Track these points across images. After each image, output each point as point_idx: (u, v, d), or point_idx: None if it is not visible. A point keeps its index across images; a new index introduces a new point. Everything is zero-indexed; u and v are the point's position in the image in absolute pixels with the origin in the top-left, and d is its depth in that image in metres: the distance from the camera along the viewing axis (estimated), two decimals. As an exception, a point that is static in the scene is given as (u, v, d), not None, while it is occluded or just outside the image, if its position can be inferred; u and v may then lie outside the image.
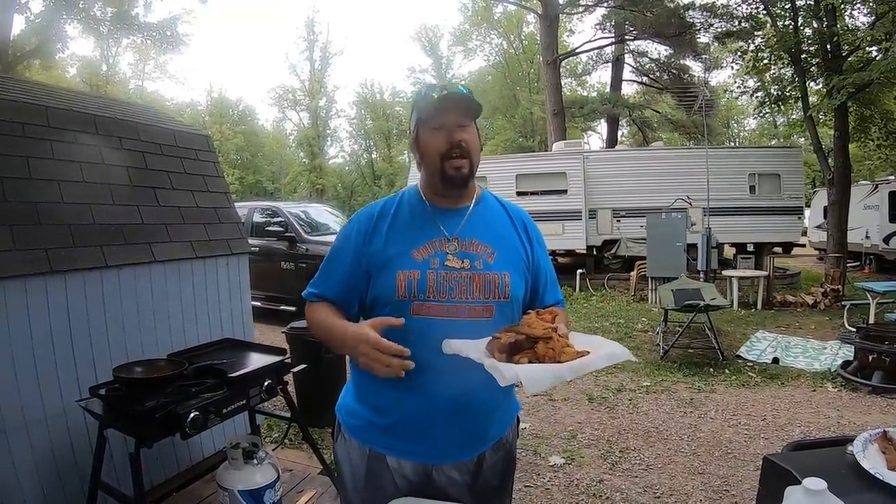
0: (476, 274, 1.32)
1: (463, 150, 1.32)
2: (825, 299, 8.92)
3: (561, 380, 1.06)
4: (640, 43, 19.79)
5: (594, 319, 8.43)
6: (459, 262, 1.32)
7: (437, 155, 1.32)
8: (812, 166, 19.06)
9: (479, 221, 1.40)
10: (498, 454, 1.43)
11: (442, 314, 1.29)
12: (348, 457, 1.40)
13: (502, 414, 1.44)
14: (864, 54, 9.61)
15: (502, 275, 1.34)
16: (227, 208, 3.46)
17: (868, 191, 13.85)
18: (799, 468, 1.12)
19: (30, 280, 2.26)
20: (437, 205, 1.39)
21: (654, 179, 11.61)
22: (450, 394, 1.28)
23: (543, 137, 23.88)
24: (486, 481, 1.40)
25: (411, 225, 1.37)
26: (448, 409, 1.30)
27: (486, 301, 1.32)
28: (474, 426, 1.36)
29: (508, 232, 1.44)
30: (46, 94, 2.95)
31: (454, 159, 1.32)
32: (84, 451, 2.38)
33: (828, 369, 5.45)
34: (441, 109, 1.31)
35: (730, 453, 3.71)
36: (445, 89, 1.33)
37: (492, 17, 31.89)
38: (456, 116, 1.32)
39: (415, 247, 1.33)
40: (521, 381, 1.01)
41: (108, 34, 17.08)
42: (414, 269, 1.30)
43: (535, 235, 1.48)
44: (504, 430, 1.45)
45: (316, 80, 37.61)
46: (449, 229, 1.36)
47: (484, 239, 1.37)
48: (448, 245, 1.34)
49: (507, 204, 1.52)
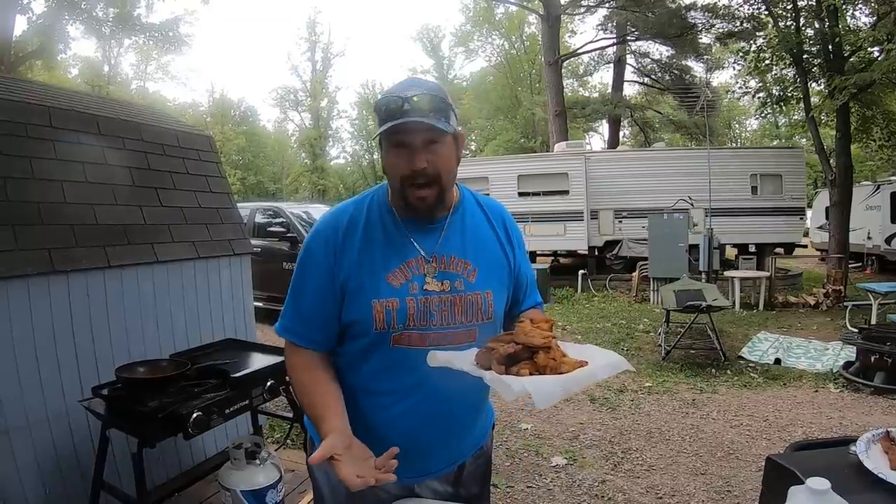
0: (457, 297, 1.22)
1: (428, 177, 1.14)
2: (827, 300, 8.91)
3: (569, 392, 1.01)
4: (642, 44, 19.77)
5: (596, 320, 8.42)
6: (439, 285, 1.21)
7: (398, 177, 1.16)
8: (814, 167, 19.00)
9: (457, 234, 1.27)
10: (477, 462, 1.41)
11: (423, 343, 1.20)
12: (327, 476, 1.30)
13: (481, 425, 1.41)
14: (866, 55, 9.61)
15: (485, 294, 1.25)
16: (229, 209, 3.46)
17: (870, 191, 13.83)
18: (802, 468, 1.12)
19: (32, 280, 2.26)
20: (410, 218, 1.24)
21: (656, 180, 11.62)
22: (432, 419, 1.24)
23: (545, 138, 23.88)
24: (467, 489, 1.39)
25: (384, 242, 1.23)
26: (431, 433, 1.26)
27: (469, 325, 1.23)
28: (456, 442, 1.34)
29: (489, 240, 1.32)
30: (49, 94, 2.95)
31: (418, 188, 1.15)
32: (86, 451, 2.38)
33: (830, 370, 5.45)
34: (402, 131, 1.12)
35: (732, 454, 3.70)
36: (408, 103, 1.10)
37: (493, 18, 31.93)
38: (421, 135, 1.12)
39: (389, 270, 1.20)
40: (530, 395, 0.94)
41: (110, 35, 17.09)
42: (391, 296, 1.18)
43: (515, 237, 1.37)
44: (483, 438, 1.43)
45: (318, 81, 37.67)
46: (426, 248, 1.23)
47: (464, 255, 1.25)
48: (426, 266, 1.22)
49: (486, 203, 1.38)
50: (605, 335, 7.35)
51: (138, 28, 16.07)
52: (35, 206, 2.37)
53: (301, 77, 38.32)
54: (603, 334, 7.42)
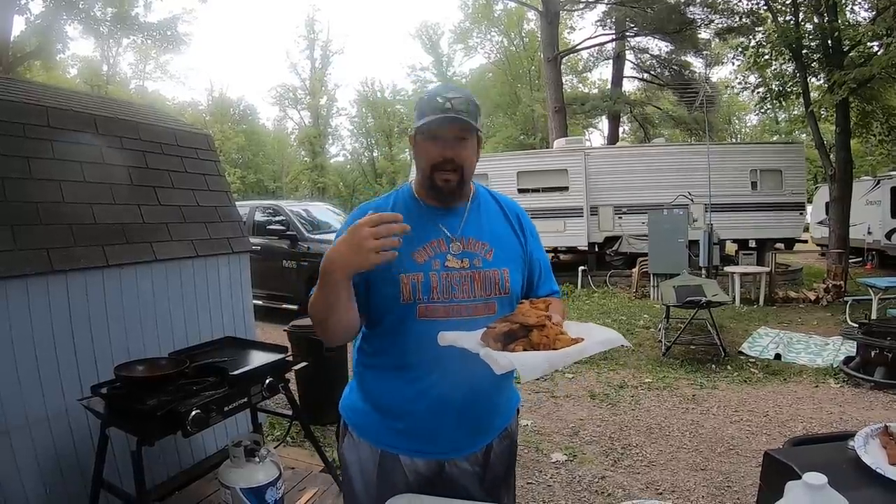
0: (476, 272, 1.34)
1: (455, 164, 1.32)
2: (827, 295, 8.90)
3: (555, 366, 1.08)
4: (641, 39, 19.76)
5: (596, 316, 8.41)
6: (459, 262, 1.34)
7: (429, 164, 1.33)
8: (814, 162, 18.99)
9: (476, 220, 1.42)
10: (504, 443, 1.47)
11: (446, 314, 1.30)
12: (357, 457, 1.40)
13: (506, 403, 1.48)
14: (866, 49, 9.58)
15: (502, 271, 1.36)
16: (227, 207, 3.46)
17: (870, 186, 13.80)
18: (799, 463, 1.12)
19: (31, 280, 2.27)
20: (435, 205, 1.39)
21: (656, 176, 11.59)
22: (458, 391, 1.30)
23: (545, 135, 23.84)
24: (493, 470, 1.44)
25: (410, 225, 1.33)
26: (457, 407, 1.32)
27: (487, 298, 1.34)
28: (482, 419, 1.40)
29: (504, 228, 1.46)
30: (47, 94, 2.95)
31: (445, 172, 1.32)
32: (86, 449, 2.39)
33: (830, 365, 5.45)
34: (441, 124, 1.30)
35: (732, 449, 3.71)
36: (450, 103, 1.28)
37: (492, 15, 31.82)
38: (455, 130, 1.31)
39: (414, 249, 1.32)
40: (516, 368, 1.03)
41: (108, 34, 17.06)
42: (416, 271, 1.31)
43: (528, 228, 1.50)
44: (508, 419, 1.49)
45: (317, 79, 37.60)
46: (451, 229, 1.37)
47: (481, 237, 1.39)
48: (450, 245, 1.35)
49: (501, 197, 1.53)
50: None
51: (136, 27, 16.03)
52: (33, 205, 2.37)
53: (300, 75, 38.32)
54: (603, 331, 7.39)
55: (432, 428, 1.34)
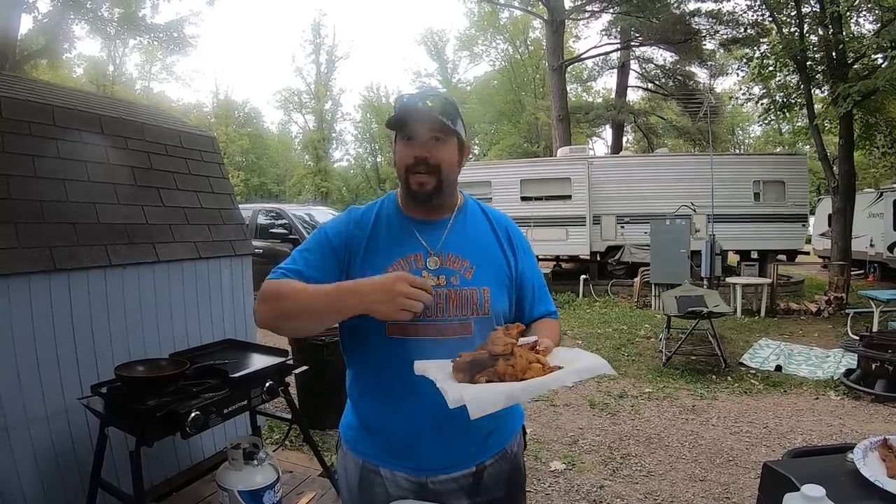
0: (452, 290, 1.28)
1: (429, 166, 1.25)
2: (829, 307, 8.89)
3: (516, 400, 1.00)
4: (646, 49, 19.86)
5: (597, 325, 8.41)
6: (435, 280, 1.26)
7: (403, 166, 1.27)
8: (817, 174, 18.98)
9: (459, 234, 1.35)
10: (501, 465, 1.38)
11: (418, 334, 1.25)
12: (345, 467, 1.41)
13: (500, 423, 1.37)
14: (870, 62, 9.59)
15: (481, 290, 1.30)
16: (231, 209, 3.47)
17: (873, 199, 13.80)
18: (798, 475, 1.11)
19: (34, 278, 2.27)
20: (416, 217, 1.34)
21: (659, 186, 11.59)
22: (430, 411, 1.21)
23: (548, 143, 23.87)
24: (489, 493, 1.36)
25: (389, 236, 1.32)
26: (430, 426, 1.26)
27: (463, 318, 1.28)
28: (463, 438, 1.30)
29: (490, 244, 1.38)
30: (53, 93, 2.96)
31: (419, 174, 1.25)
32: (85, 448, 2.39)
33: (831, 377, 5.43)
34: (412, 121, 1.24)
35: (731, 461, 3.69)
36: (423, 102, 1.24)
37: (498, 22, 31.95)
38: (429, 129, 1.24)
39: (390, 262, 1.28)
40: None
41: (114, 35, 17.17)
42: None
43: (519, 244, 1.42)
44: (505, 440, 1.40)
45: (322, 83, 37.71)
46: (431, 243, 1.31)
47: (463, 253, 1.32)
48: (427, 261, 1.29)
49: (490, 211, 1.45)
50: (606, 340, 7.34)
51: (143, 28, 16.10)
52: (37, 204, 2.38)
53: (305, 79, 38.42)
54: (604, 340, 7.41)
55: (409, 444, 1.29)
